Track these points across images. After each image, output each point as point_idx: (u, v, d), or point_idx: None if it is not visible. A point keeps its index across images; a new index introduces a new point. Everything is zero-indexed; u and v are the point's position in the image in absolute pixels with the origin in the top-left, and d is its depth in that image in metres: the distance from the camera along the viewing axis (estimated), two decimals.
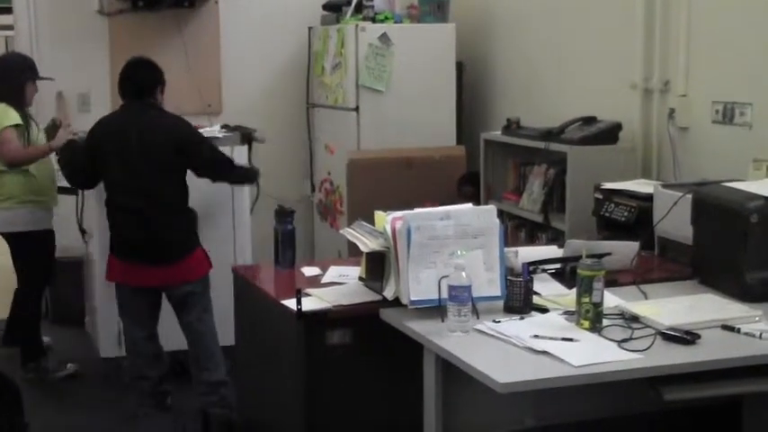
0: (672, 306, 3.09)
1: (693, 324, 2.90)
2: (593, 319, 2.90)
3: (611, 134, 4.81)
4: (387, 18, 6.04)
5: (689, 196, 3.60)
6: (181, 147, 4.36)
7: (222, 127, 5.32)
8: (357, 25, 5.86)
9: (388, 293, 3.16)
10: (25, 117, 5.11)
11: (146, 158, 4.30)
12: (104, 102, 6.35)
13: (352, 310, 3.22)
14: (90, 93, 6.35)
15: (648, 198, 4.03)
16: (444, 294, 2.94)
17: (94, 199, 4.99)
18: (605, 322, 2.93)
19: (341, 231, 3.54)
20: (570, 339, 2.80)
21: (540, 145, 4.96)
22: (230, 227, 5.19)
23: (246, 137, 5.09)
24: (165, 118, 4.46)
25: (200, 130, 4.83)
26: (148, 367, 4.51)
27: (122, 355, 4.83)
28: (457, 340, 2.84)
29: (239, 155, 4.96)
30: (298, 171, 6.77)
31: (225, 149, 4.77)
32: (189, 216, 4.50)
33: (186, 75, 6.40)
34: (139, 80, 4.45)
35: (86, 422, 4.68)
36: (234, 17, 6.61)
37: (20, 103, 5.16)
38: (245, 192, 5.18)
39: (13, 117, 5.02)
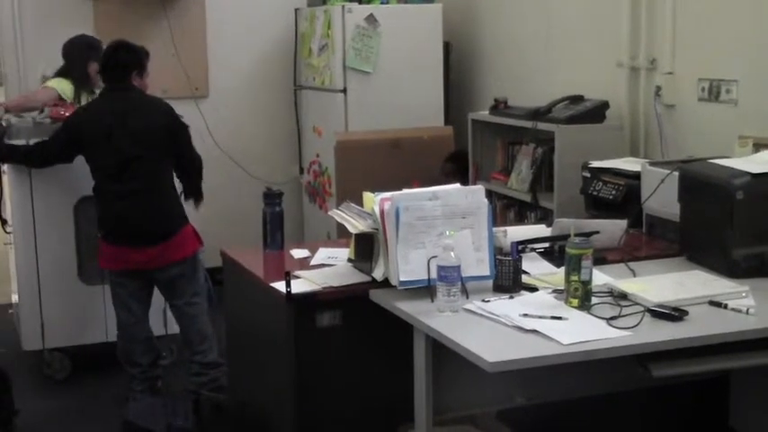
0: (660, 283, 3.11)
1: (681, 301, 2.92)
2: (581, 297, 2.91)
3: (598, 113, 4.82)
4: None
5: (676, 174, 3.61)
6: (169, 126, 4.39)
7: None
8: (344, 6, 5.84)
9: (378, 274, 3.16)
10: (78, 96, 5.24)
11: (135, 140, 4.30)
12: None
13: (341, 292, 3.22)
14: None
15: (636, 176, 4.04)
16: (433, 274, 2.94)
17: (15, 189, 4.85)
18: (594, 300, 2.94)
19: (329, 213, 3.54)
20: (559, 318, 2.81)
21: (528, 124, 4.97)
22: None
23: None
24: (149, 99, 4.48)
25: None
26: (139, 353, 4.52)
27: (43, 349, 4.87)
28: (446, 320, 2.85)
29: None
30: (286, 153, 6.77)
31: None
32: (177, 194, 4.52)
33: (172, 58, 6.38)
34: (118, 63, 4.43)
35: (77, 406, 4.68)
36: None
37: (81, 82, 5.25)
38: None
39: (63, 88, 5.20)
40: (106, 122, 4.33)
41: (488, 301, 2.98)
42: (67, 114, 4.90)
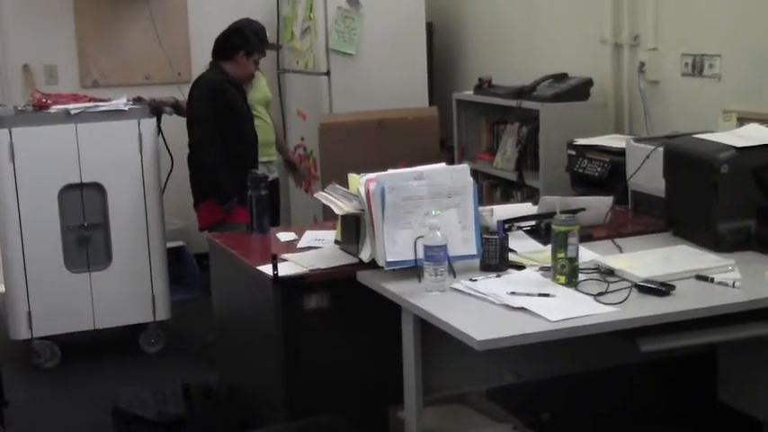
0: (646, 258, 3.11)
1: (668, 276, 2.93)
2: (568, 274, 2.92)
3: (582, 90, 4.82)
4: None
5: (660, 149, 3.61)
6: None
7: (135, 99, 5.07)
8: None
9: (365, 256, 3.16)
10: None
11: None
12: (72, 74, 6.30)
13: (328, 274, 3.22)
14: (57, 65, 6.28)
15: (621, 152, 4.04)
16: (420, 254, 2.94)
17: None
18: (581, 277, 2.95)
19: (315, 195, 3.54)
20: (547, 295, 2.82)
21: (513, 103, 4.97)
22: (141, 201, 4.97)
23: (155, 109, 5.02)
24: (202, 79, 4.91)
25: (104, 104, 4.91)
26: None
27: (31, 338, 4.89)
28: (434, 300, 2.85)
29: (147, 127, 4.91)
30: None
31: (131, 123, 4.87)
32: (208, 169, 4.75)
33: (154, 44, 6.34)
34: (217, 42, 5.00)
35: (67, 394, 4.67)
36: None
37: None
38: (154, 162, 5.01)
39: None
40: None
41: (476, 279, 2.98)
42: (49, 102, 4.88)
